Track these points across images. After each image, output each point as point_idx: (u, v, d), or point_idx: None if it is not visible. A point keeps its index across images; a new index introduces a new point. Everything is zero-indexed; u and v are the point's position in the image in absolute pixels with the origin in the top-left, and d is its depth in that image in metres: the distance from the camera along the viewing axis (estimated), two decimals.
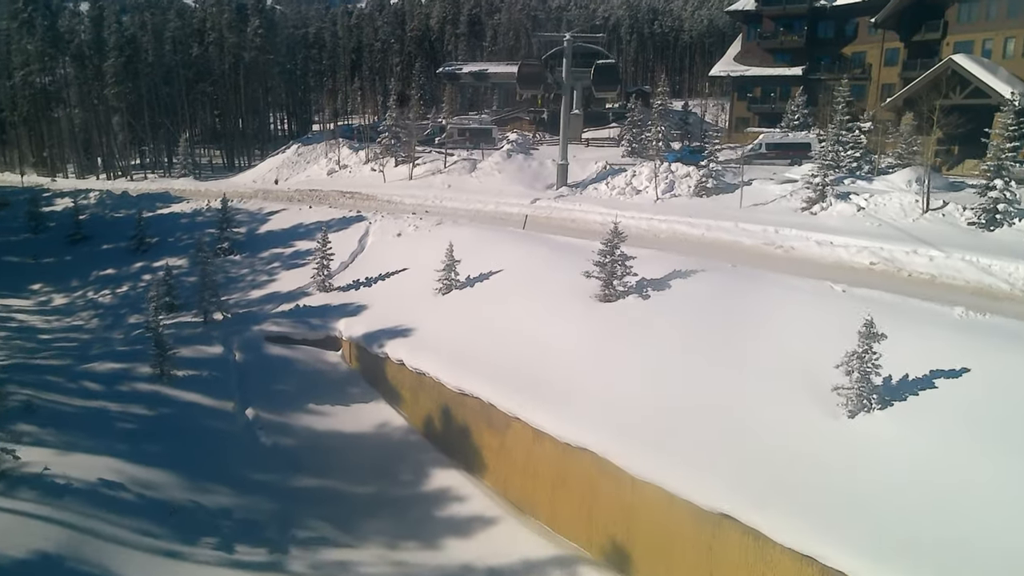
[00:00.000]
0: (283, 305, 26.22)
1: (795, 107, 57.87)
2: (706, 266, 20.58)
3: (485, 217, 37.19)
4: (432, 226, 29.12)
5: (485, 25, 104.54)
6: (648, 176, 39.55)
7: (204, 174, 66.31)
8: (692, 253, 26.44)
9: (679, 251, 26.81)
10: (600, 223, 33.11)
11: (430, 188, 44.13)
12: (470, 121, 72.03)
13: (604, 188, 40.55)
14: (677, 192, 38.46)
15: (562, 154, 41.89)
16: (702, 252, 26.86)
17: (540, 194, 41.08)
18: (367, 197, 43.75)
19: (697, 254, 26.04)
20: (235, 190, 49.64)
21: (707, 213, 33.78)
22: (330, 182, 50.36)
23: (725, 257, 26.30)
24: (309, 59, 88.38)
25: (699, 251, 27.21)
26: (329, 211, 33.49)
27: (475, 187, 43.39)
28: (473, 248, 25.89)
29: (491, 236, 26.88)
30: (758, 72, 62.26)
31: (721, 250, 27.53)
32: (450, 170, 46.24)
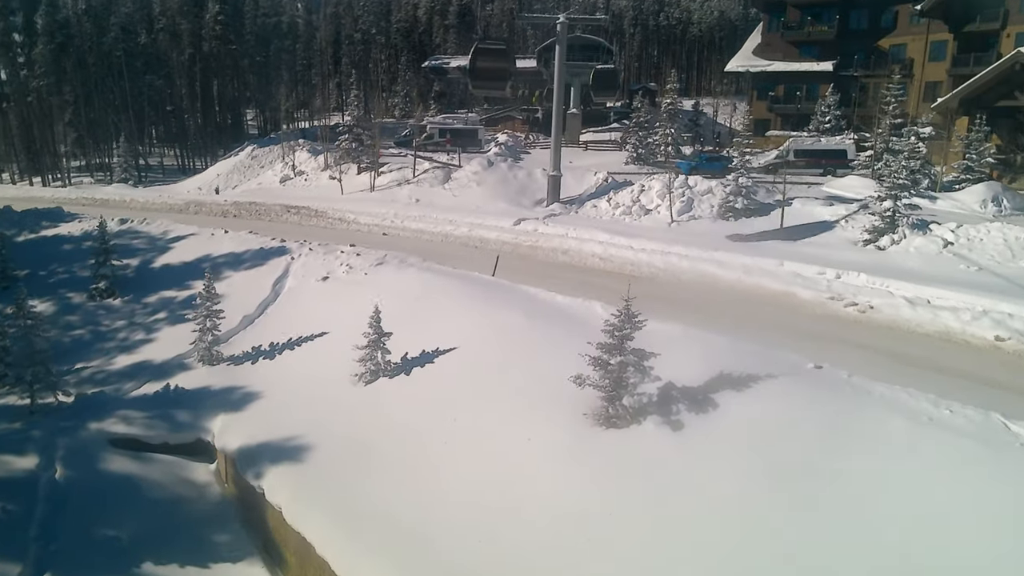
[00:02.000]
0: (149, 385, 18.44)
1: (826, 108, 50.17)
2: (769, 364, 12.79)
3: (454, 244, 29.40)
4: (371, 266, 21.32)
5: (477, 17, 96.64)
6: (660, 192, 31.76)
7: (151, 178, 58.55)
8: (731, 315, 18.64)
9: (713, 312, 19.03)
10: (601, 257, 25.42)
11: (393, 203, 36.32)
12: (454, 120, 64.16)
13: (605, 206, 32.75)
14: (697, 213, 30.66)
15: (554, 164, 34.06)
16: (745, 313, 19.05)
17: (527, 212, 33.27)
18: (315, 213, 35.91)
19: (740, 319, 18.23)
20: (165, 201, 41.83)
21: (740, 245, 25.97)
22: (281, 192, 42.55)
23: (777, 320, 18.50)
24: (282, 51, 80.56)
25: (740, 310, 19.41)
26: (247, 239, 25.73)
27: (447, 202, 35.57)
28: (418, 308, 18.10)
29: (446, 286, 19.06)
30: (782, 67, 54.45)
31: (771, 309, 19.74)
32: (420, 180, 38.44)
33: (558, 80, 33.09)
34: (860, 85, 53.01)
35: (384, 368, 15.94)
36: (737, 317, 18.51)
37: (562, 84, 33.27)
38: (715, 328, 15.70)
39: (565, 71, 59.36)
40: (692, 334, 14.37)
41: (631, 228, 29.81)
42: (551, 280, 22.59)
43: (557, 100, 33.44)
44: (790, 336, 16.57)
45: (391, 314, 17.50)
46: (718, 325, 16.55)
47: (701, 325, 15.75)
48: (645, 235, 28.05)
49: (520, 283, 20.13)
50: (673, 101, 51.97)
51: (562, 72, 33.02)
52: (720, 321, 17.55)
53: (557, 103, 33.54)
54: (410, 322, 17.32)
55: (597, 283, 22.60)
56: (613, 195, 33.25)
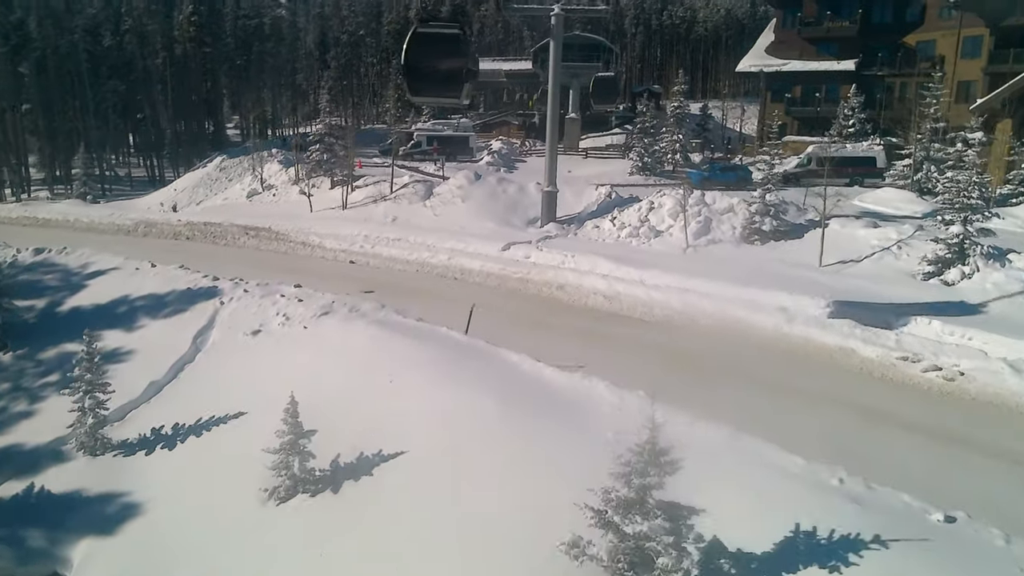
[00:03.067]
0: (9, 484, 14.01)
1: (849, 110, 45.58)
2: (871, 515, 8.29)
3: (430, 276, 24.90)
4: (313, 316, 16.84)
5: (471, 17, 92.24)
6: (673, 210, 27.26)
7: (116, 191, 54.12)
8: (778, 389, 14.10)
9: (755, 382, 14.50)
10: (604, 295, 20.91)
11: (366, 222, 31.81)
12: (444, 127, 59.76)
13: (609, 226, 28.25)
14: (717, 235, 26.16)
15: (549, 177, 29.55)
16: (796, 385, 14.51)
17: (518, 234, 28.77)
18: (276, 236, 31.41)
19: (791, 395, 13.70)
20: (113, 221, 37.38)
21: (772, 277, 21.44)
22: (246, 209, 38.07)
23: (839, 393, 13.96)
24: (265, 54, 76.16)
25: (787, 378, 14.87)
26: (175, 276, 21.24)
27: (427, 222, 31.06)
28: (361, 383, 13.61)
29: (403, 350, 14.55)
30: (798, 67, 50.01)
31: (826, 374, 15.23)
32: (398, 196, 33.94)
33: (553, 81, 28.61)
34: (885, 85, 48.55)
35: (304, 480, 11.41)
36: (787, 390, 13.99)
37: (557, 86, 28.81)
38: (763, 414, 11.21)
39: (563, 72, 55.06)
40: (745, 447, 9.86)
41: (639, 254, 25.28)
42: (542, 329, 18.12)
43: (552, 105, 28.95)
44: (866, 425, 12.05)
45: (326, 390, 13.10)
46: (767, 409, 12.05)
47: (743, 409, 11.28)
48: (656, 264, 23.50)
49: (502, 339, 15.65)
50: (680, 104, 47.57)
51: (557, 72, 28.55)
52: (767, 400, 13.05)
53: (552, 109, 29.05)
54: (348, 404, 12.83)
55: (600, 332, 18.12)
56: (618, 213, 28.74)
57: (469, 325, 15.56)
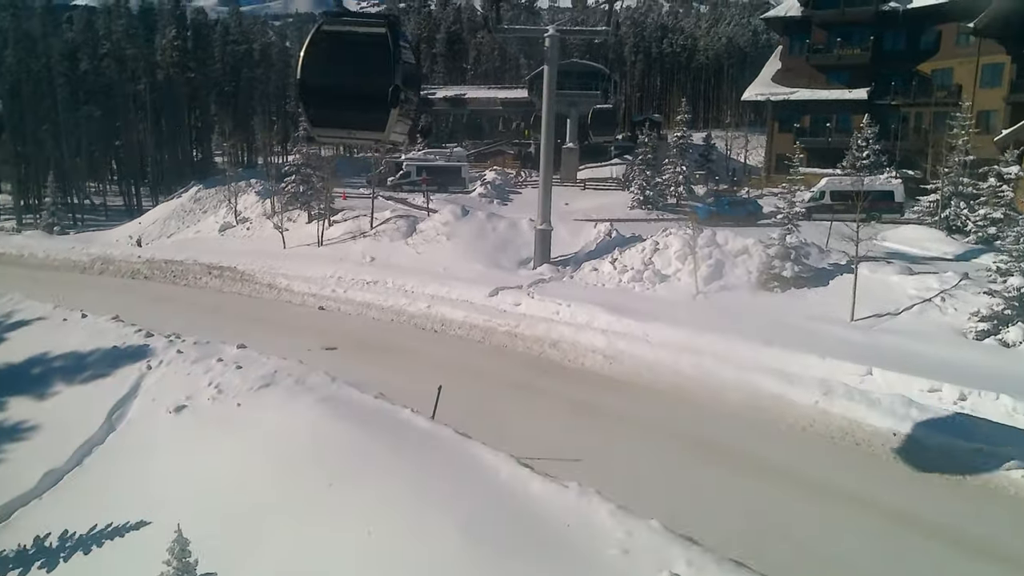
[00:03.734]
0: None
1: (863, 141, 43.05)
2: None
3: (406, 328, 21.94)
4: (251, 389, 13.87)
5: (468, 44, 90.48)
6: (680, 252, 24.41)
7: (89, 222, 51.38)
8: (835, 503, 11.09)
9: (794, 470, 11.50)
10: (604, 354, 17.99)
11: (342, 262, 28.94)
12: (436, 156, 57.25)
13: (609, 269, 25.35)
14: (730, 281, 23.26)
15: (543, 213, 26.73)
16: (849, 478, 11.49)
17: (507, 277, 25.87)
18: (242, 276, 28.50)
19: (854, 518, 10.68)
20: (68, 257, 34.52)
21: (797, 334, 18.53)
22: (215, 244, 35.23)
23: (913, 500, 10.96)
24: (255, 80, 73.99)
25: (837, 469, 11.86)
26: (105, 329, 18.33)
27: (409, 262, 28.19)
28: (289, 492, 10.57)
29: (352, 442, 11.57)
30: (807, 95, 47.62)
31: (888, 472, 12.22)
32: (378, 233, 31.11)
33: (547, 109, 25.92)
34: (900, 115, 46.11)
35: None
36: (849, 502, 10.97)
37: (552, 115, 26.11)
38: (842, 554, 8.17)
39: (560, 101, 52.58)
40: None
41: (643, 303, 22.35)
42: (530, 400, 15.16)
43: (546, 135, 26.22)
44: None
45: (245, 498, 10.10)
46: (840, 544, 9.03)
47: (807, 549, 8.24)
48: (663, 315, 20.58)
49: (479, 417, 12.72)
50: (683, 134, 45.08)
51: (552, 99, 25.86)
52: (834, 527, 10.03)
53: (546, 139, 26.32)
54: (270, 522, 9.80)
55: (599, 406, 15.13)
56: (619, 254, 25.88)
57: (436, 408, 12.53)
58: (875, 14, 45.97)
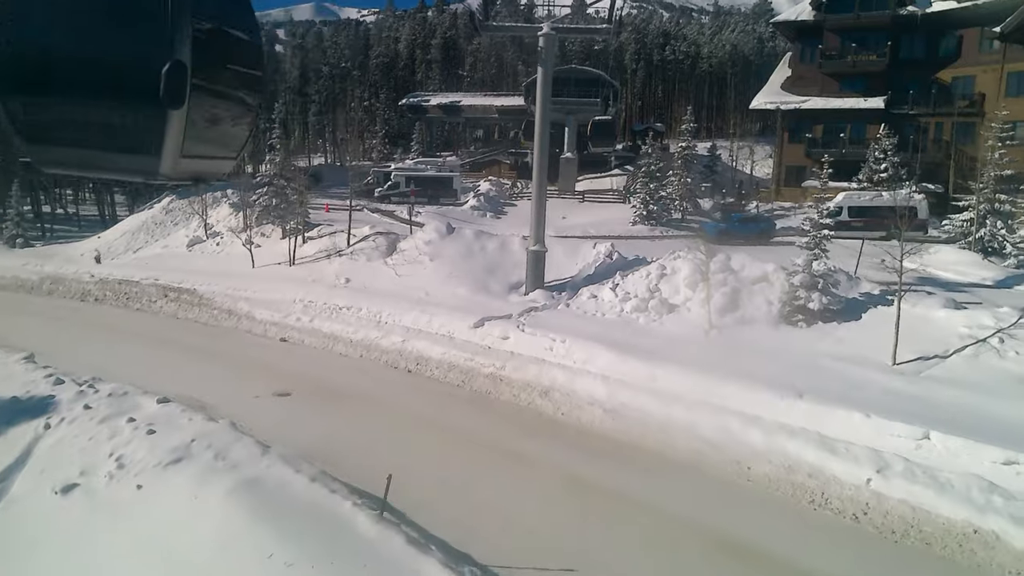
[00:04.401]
0: None
1: (881, 153, 40.32)
2: None
3: (375, 367, 19.09)
4: (159, 464, 11.06)
5: (464, 51, 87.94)
6: (690, 278, 21.58)
7: (58, 233, 48.55)
8: None
9: None
10: (604, 406, 15.18)
11: (314, 284, 26.11)
12: (428, 166, 54.47)
13: (609, 296, 22.48)
14: (748, 313, 20.40)
15: (536, 233, 23.90)
16: None
17: (495, 304, 23.02)
18: (200, 300, 25.65)
19: None
20: (17, 275, 31.65)
21: (832, 382, 15.66)
22: (182, 261, 32.39)
23: None
24: None
25: None
26: (13, 371, 15.50)
27: (386, 285, 25.32)
28: None
29: (260, 559, 8.69)
30: (820, 104, 44.88)
31: None
32: (355, 251, 28.25)
33: (541, 116, 23.12)
34: (918, 126, 43.36)
35: None
36: None
37: (546, 122, 23.31)
38: None
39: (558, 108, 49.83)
40: None
41: (649, 338, 19.50)
42: (513, 471, 12.31)
43: (540, 145, 23.41)
44: None
45: None
46: None
47: None
48: (672, 354, 17.74)
49: (443, 509, 9.85)
50: (688, 144, 42.32)
51: (546, 104, 23.06)
52: None
53: (540, 149, 23.51)
54: None
55: (600, 483, 12.25)
56: (621, 279, 23.01)
57: (386, 497, 9.64)
58: (892, 18, 43.30)
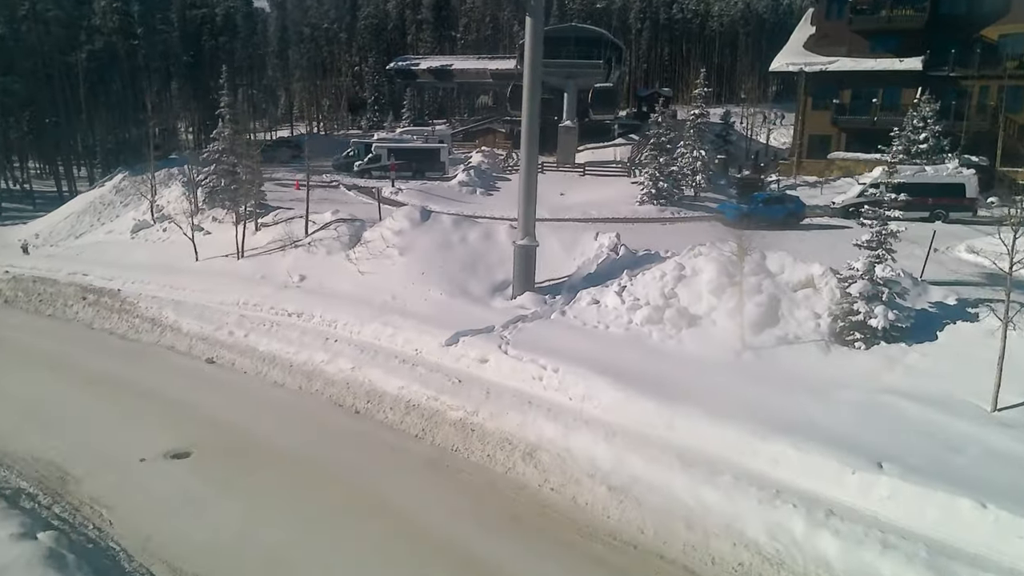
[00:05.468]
0: None
1: (920, 121, 35.76)
2: None
3: (314, 405, 14.98)
4: None
5: (457, 11, 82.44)
6: (715, 282, 17.35)
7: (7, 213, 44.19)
8: None
9: None
10: (609, 483, 11.16)
11: (263, 282, 21.92)
12: (414, 136, 49.80)
13: (614, 302, 18.23)
14: (790, 329, 16.20)
15: (525, 224, 19.58)
16: None
17: (475, 312, 18.80)
18: (122, 305, 21.46)
19: None
20: None
21: (914, 439, 11.53)
22: (121, 251, 28.24)
23: None
24: (217, 49, 66.20)
25: None
26: None
27: (346, 285, 21.07)
28: None
29: None
30: (849, 65, 40.14)
31: None
32: (315, 242, 23.94)
33: (529, 78, 18.65)
34: (960, 89, 38.63)
35: None
36: None
37: (536, 87, 18.86)
38: None
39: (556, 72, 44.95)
40: None
41: (665, 362, 15.34)
42: None
43: (529, 113, 18.98)
44: None
45: None
46: None
47: None
48: (697, 389, 13.62)
49: None
50: (701, 111, 37.67)
51: (536, 62, 18.59)
52: None
53: (529, 117, 19.08)
54: None
55: None
56: (628, 281, 18.76)
57: None
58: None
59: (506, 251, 21.12)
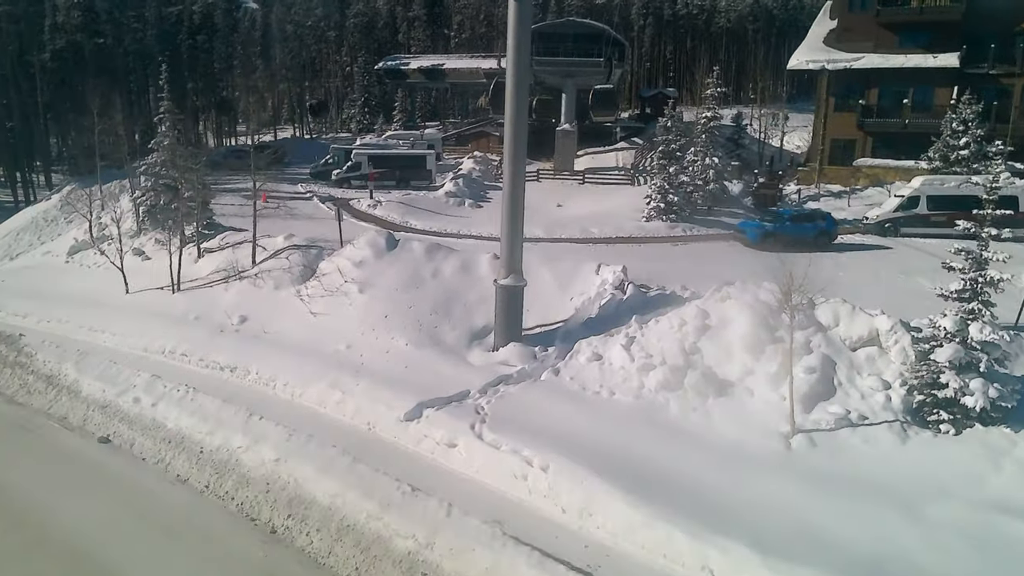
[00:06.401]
0: None
1: (959, 124, 31.90)
2: None
3: (221, 516, 11.14)
4: None
5: (451, 8, 78.56)
6: (749, 336, 13.51)
7: None
8: None
9: None
10: None
11: (195, 324, 18.18)
12: (399, 141, 45.87)
13: (621, 358, 14.39)
14: (852, 404, 12.35)
15: (508, 259, 15.73)
16: None
17: (448, 365, 15.00)
18: (16, 358, 17.71)
19: None
20: None
21: None
22: (46, 279, 24.52)
23: None
24: (196, 49, 62.42)
25: None
26: None
27: (295, 329, 17.25)
28: None
29: None
30: (877, 62, 36.24)
31: None
32: (263, 273, 20.08)
33: (515, 80, 14.81)
34: (1000, 89, 34.76)
35: None
36: None
37: (523, 85, 15.02)
38: None
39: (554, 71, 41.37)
40: None
41: (691, 452, 11.55)
42: None
43: (512, 119, 15.15)
44: None
45: None
46: None
47: None
48: (737, 501, 9.91)
49: None
50: (714, 115, 33.79)
51: (520, 56, 14.75)
52: None
53: (514, 123, 15.25)
54: None
55: None
56: (639, 330, 14.93)
57: None
58: None
59: (488, 287, 17.25)
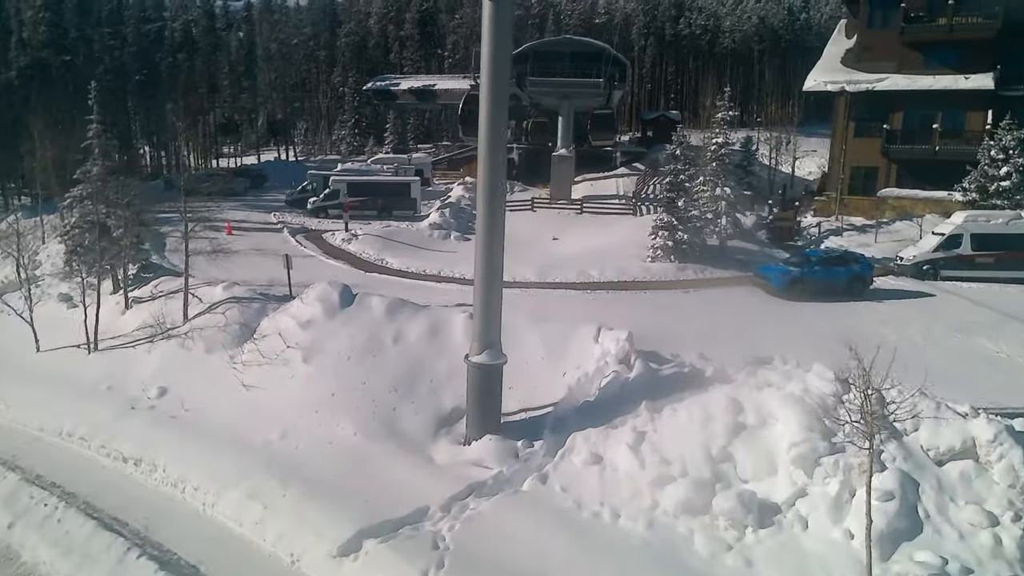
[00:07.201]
0: None
1: (999, 152, 28.83)
2: None
3: None
4: None
5: (444, 27, 75.99)
6: (800, 444, 10.06)
7: None
8: None
9: None
10: None
11: (106, 397, 14.82)
12: (385, 166, 42.70)
13: (628, 463, 10.98)
14: (946, 549, 8.86)
15: (482, 330, 12.37)
16: None
17: (407, 472, 11.59)
18: None
19: None
20: None
21: None
22: None
23: None
24: (175, 67, 59.51)
25: None
26: None
27: (220, 407, 13.86)
28: None
29: None
30: (903, 84, 33.16)
31: None
32: (192, 332, 16.69)
33: (490, 99, 11.59)
34: None
35: None
36: None
37: (500, 108, 11.82)
38: None
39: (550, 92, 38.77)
40: None
41: None
42: None
43: (487, 148, 11.90)
44: None
45: None
46: None
47: None
48: None
49: None
50: (725, 140, 30.69)
51: (500, 69, 11.54)
52: None
53: (488, 150, 11.99)
54: None
55: None
56: (650, 423, 11.55)
57: None
58: None
59: (461, 358, 13.87)
